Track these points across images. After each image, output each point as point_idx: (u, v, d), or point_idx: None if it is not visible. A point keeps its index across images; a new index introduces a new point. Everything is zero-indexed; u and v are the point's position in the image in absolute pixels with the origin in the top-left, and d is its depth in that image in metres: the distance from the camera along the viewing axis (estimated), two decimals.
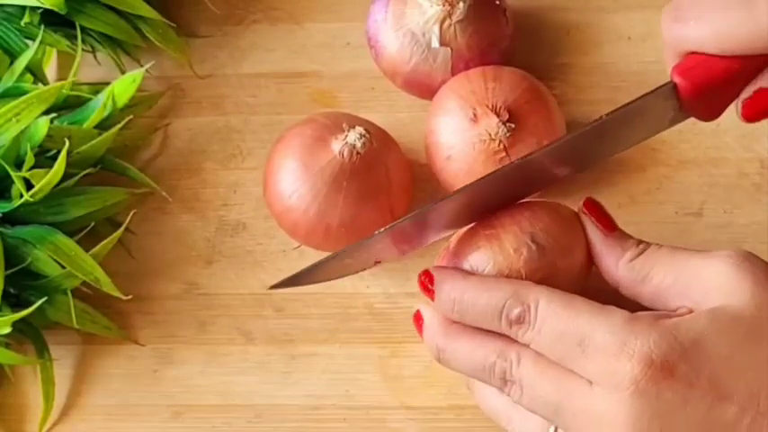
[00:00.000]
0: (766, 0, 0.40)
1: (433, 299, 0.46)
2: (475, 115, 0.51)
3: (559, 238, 0.45)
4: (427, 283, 0.46)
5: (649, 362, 0.39)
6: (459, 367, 0.45)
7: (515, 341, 0.43)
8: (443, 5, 0.53)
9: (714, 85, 0.43)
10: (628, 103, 0.44)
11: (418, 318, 0.47)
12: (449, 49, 0.54)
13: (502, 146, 0.51)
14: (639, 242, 0.45)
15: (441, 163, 0.53)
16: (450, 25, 0.54)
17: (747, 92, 0.43)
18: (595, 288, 0.45)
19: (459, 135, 0.52)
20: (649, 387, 0.39)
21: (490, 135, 0.51)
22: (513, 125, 0.51)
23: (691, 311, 0.41)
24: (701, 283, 0.42)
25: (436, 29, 0.54)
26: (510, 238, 0.45)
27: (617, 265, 0.45)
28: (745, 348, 0.39)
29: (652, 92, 0.43)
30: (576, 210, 0.47)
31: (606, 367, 0.39)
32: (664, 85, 0.43)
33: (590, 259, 0.46)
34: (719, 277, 0.41)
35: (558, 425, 0.42)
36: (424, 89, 0.56)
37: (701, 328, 0.40)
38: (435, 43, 0.54)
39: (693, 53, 0.43)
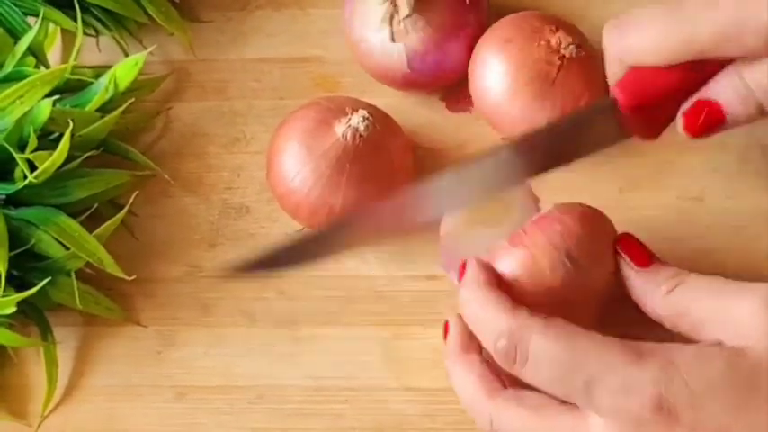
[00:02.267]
0: (695, 5, 0.41)
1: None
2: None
3: (592, 249, 0.45)
4: (461, 270, 0.46)
5: (658, 405, 0.38)
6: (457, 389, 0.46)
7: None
8: (388, 4, 0.54)
9: (653, 101, 0.43)
10: (569, 116, 0.44)
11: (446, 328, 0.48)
12: (401, 45, 0.54)
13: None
14: (676, 272, 0.44)
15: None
16: (399, 22, 0.54)
17: (687, 104, 0.43)
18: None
19: None
20: (655, 429, 0.38)
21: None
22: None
23: (717, 344, 0.41)
24: (732, 320, 0.41)
25: (386, 27, 0.54)
26: (545, 257, 0.45)
27: (653, 300, 0.44)
28: (756, 402, 0.39)
29: (592, 106, 0.44)
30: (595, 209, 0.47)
31: (614, 404, 0.39)
32: (604, 100, 0.43)
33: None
34: (750, 316, 0.40)
35: None
36: (393, 83, 0.57)
37: (716, 372, 0.39)
38: (387, 41, 0.54)
39: (635, 68, 0.43)
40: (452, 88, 0.58)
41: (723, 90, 0.42)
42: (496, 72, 0.53)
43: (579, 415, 0.40)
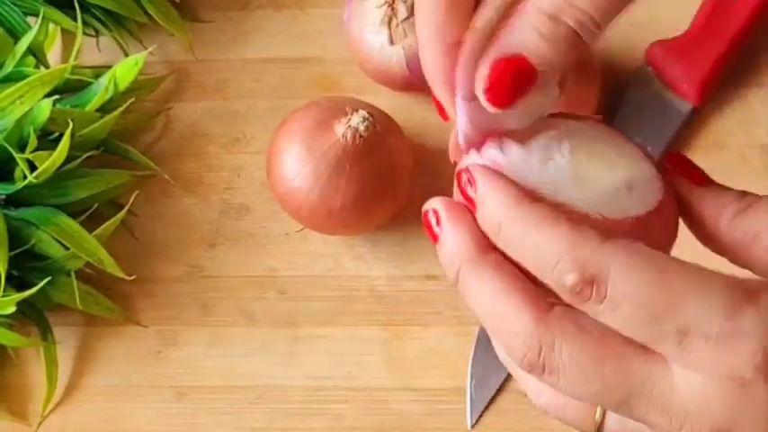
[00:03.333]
0: None
1: (473, 210, 0.33)
2: None
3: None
4: (467, 185, 0.34)
5: None
6: (478, 315, 0.33)
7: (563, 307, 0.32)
8: (386, 7, 0.54)
9: None
10: None
11: (427, 219, 0.36)
12: (400, 47, 0.55)
13: None
14: (744, 194, 0.34)
15: None
16: (398, 24, 0.54)
17: (482, 71, 0.32)
18: None
19: None
20: (764, 391, 0.30)
21: None
22: None
23: None
24: None
25: (385, 29, 0.54)
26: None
27: (718, 224, 0.34)
28: None
29: None
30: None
31: (714, 359, 0.30)
32: None
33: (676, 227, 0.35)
34: None
35: (620, 413, 0.32)
36: (392, 84, 0.57)
37: None
38: (386, 43, 0.55)
39: None
40: None
41: (522, 36, 0.32)
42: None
43: (661, 365, 0.31)
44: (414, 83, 0.56)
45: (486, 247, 0.33)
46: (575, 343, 0.31)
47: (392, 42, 0.55)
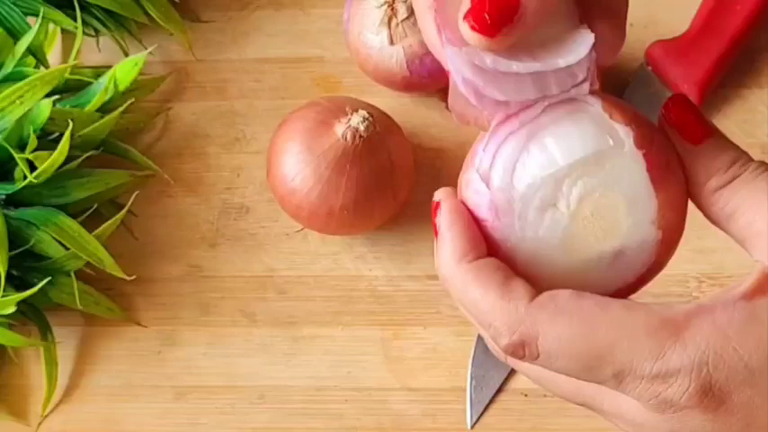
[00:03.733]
0: None
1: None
2: None
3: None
4: (436, 214, 0.35)
5: (704, 389, 0.31)
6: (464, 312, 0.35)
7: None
8: (386, 7, 0.54)
9: None
10: None
11: (434, 210, 0.36)
12: (400, 48, 0.55)
13: None
14: (736, 158, 0.33)
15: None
16: (398, 24, 0.54)
17: (464, 5, 0.31)
18: None
19: None
20: (702, 415, 0.31)
21: None
22: None
23: (760, 291, 0.32)
24: None
25: (385, 30, 0.54)
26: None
27: (702, 193, 0.34)
28: None
29: None
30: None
31: (650, 394, 0.32)
32: None
33: None
34: None
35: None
36: (392, 84, 0.57)
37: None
38: (386, 43, 0.55)
39: None
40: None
41: None
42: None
43: (609, 390, 0.33)
44: (414, 83, 0.56)
45: (471, 249, 0.34)
46: (563, 330, 0.32)
47: (392, 42, 0.55)
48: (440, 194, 0.36)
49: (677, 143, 0.34)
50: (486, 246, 0.33)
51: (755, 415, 0.31)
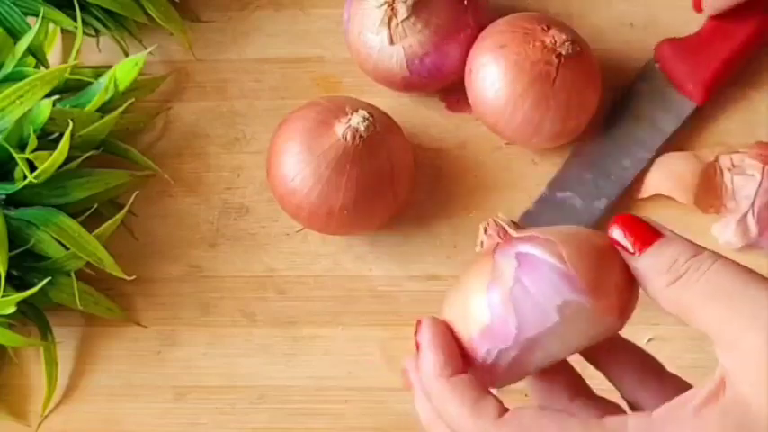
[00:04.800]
0: None
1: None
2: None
3: (595, 275, 0.37)
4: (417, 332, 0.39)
5: None
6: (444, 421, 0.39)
7: None
8: (386, 7, 0.54)
9: None
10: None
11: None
12: (401, 48, 0.54)
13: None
14: (678, 256, 0.35)
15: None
16: (398, 24, 0.54)
17: None
18: None
19: None
20: None
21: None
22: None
23: (721, 389, 0.33)
24: (738, 353, 0.33)
25: (385, 30, 0.54)
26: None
27: (653, 289, 0.36)
28: None
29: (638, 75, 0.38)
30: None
31: None
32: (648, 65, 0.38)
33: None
34: (758, 358, 0.33)
35: None
36: (392, 84, 0.57)
37: None
38: (386, 43, 0.55)
39: None
40: (452, 89, 0.58)
41: None
42: (495, 81, 0.53)
43: None
44: (414, 83, 0.56)
45: (448, 364, 0.37)
46: None
47: (392, 42, 0.55)
48: (423, 318, 0.39)
49: (627, 258, 0.37)
50: (461, 362, 0.37)
51: None
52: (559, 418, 0.35)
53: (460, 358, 0.37)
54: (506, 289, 0.37)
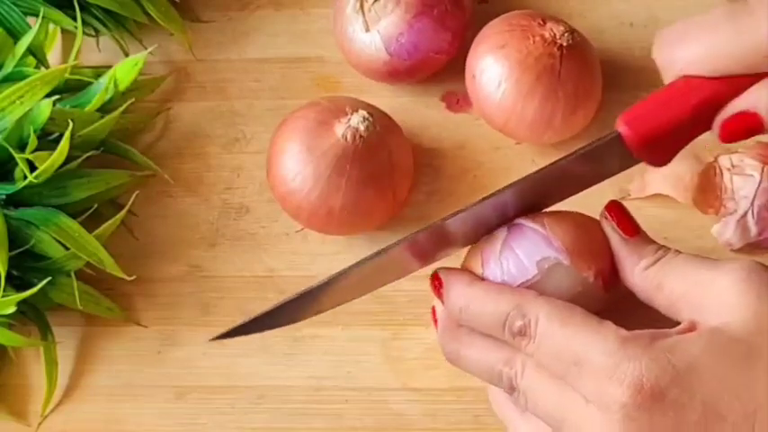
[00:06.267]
0: (751, 17, 0.40)
1: (443, 302, 0.46)
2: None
3: (572, 238, 0.44)
4: (437, 285, 0.46)
5: (639, 387, 0.38)
6: (469, 370, 0.45)
7: (520, 350, 0.43)
8: None
9: (661, 134, 0.42)
10: (578, 150, 0.44)
11: (434, 312, 0.47)
12: (376, 32, 0.54)
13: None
14: (659, 248, 0.44)
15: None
16: (370, 9, 0.54)
17: (724, 114, 0.42)
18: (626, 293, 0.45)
19: None
20: (639, 413, 0.38)
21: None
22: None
23: (694, 327, 0.41)
24: (708, 298, 0.41)
25: (360, 16, 0.54)
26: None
27: (633, 271, 0.44)
28: (741, 369, 0.39)
29: (599, 142, 0.43)
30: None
31: (599, 389, 0.39)
32: (610, 136, 0.43)
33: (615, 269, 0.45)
34: (726, 293, 0.41)
35: None
36: (380, 75, 0.57)
37: (697, 350, 0.39)
38: (362, 29, 0.55)
39: (688, 76, 0.43)
40: (451, 89, 0.58)
41: (760, 101, 0.42)
42: (502, 82, 0.53)
43: (580, 403, 0.41)
44: (398, 68, 0.56)
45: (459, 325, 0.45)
46: (536, 377, 0.42)
47: (368, 29, 0.55)
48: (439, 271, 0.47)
49: (613, 237, 0.44)
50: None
51: (684, 413, 0.38)
52: (584, 312, 0.42)
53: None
54: (496, 251, 0.45)
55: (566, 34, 0.52)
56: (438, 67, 0.57)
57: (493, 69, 0.53)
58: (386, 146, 0.53)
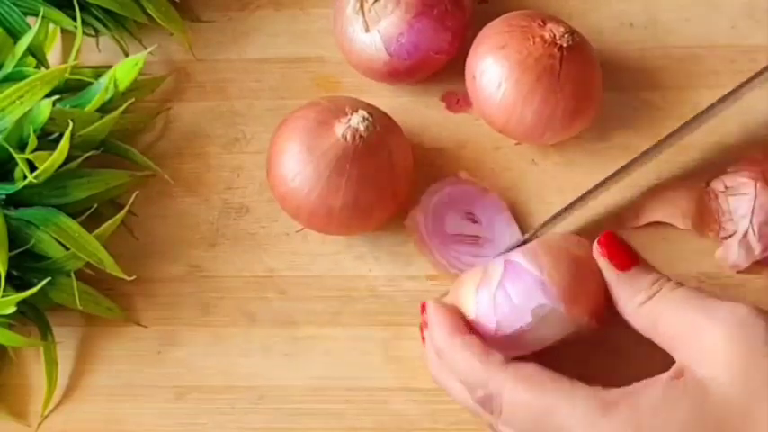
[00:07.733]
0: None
1: (423, 336, 0.48)
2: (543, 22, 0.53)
3: (568, 284, 0.44)
4: (424, 320, 0.47)
5: None
6: (450, 397, 0.47)
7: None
8: None
9: None
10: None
11: (422, 330, 0.49)
12: (376, 32, 0.54)
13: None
14: (656, 280, 0.43)
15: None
16: (370, 9, 0.54)
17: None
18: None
19: None
20: None
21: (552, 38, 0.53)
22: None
23: (681, 374, 0.41)
24: (699, 348, 0.41)
25: (359, 16, 0.54)
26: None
27: (628, 308, 0.44)
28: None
29: None
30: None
31: None
32: None
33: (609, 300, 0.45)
34: (717, 346, 0.40)
35: None
36: (380, 75, 0.57)
37: (682, 415, 0.39)
38: (363, 30, 0.55)
39: None
40: (451, 89, 0.58)
41: None
42: (502, 82, 0.53)
43: None
44: (398, 68, 0.56)
45: (461, 328, 0.45)
46: (527, 385, 0.42)
47: (368, 29, 0.55)
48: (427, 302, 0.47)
49: (607, 272, 0.44)
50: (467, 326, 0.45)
51: None
52: (556, 375, 0.41)
53: (465, 323, 0.45)
54: (491, 291, 0.44)
55: (566, 35, 0.53)
56: (438, 67, 0.57)
57: (493, 70, 0.53)
58: (386, 146, 0.53)
